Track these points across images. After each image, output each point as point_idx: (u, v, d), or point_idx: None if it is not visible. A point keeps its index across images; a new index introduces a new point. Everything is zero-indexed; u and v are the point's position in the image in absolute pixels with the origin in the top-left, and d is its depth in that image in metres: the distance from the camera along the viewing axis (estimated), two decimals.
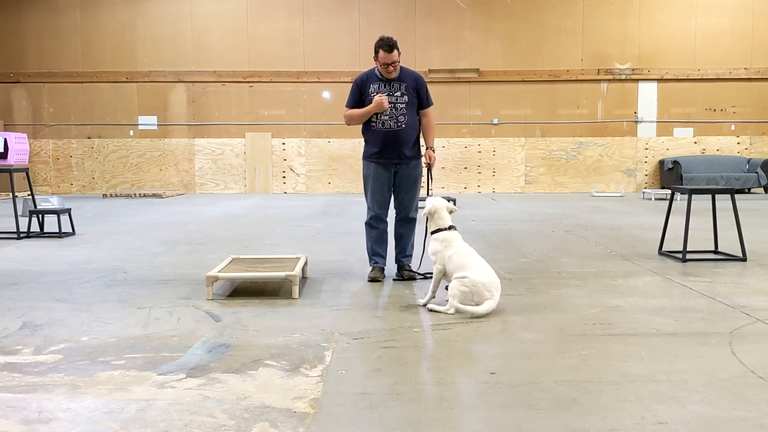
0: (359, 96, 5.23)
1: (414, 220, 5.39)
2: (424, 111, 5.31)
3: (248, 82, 15.81)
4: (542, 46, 15.73)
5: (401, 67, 5.20)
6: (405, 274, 5.25)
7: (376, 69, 5.22)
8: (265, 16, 15.73)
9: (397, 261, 5.36)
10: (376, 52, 5.08)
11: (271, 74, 15.77)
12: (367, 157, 5.33)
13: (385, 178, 5.25)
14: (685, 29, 15.73)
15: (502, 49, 15.76)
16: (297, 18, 15.72)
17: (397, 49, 5.05)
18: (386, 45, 5.00)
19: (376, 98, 5.07)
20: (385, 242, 5.38)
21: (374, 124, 5.19)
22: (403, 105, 5.15)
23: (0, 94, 15.93)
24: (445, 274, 4.31)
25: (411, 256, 5.37)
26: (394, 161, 5.22)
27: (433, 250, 4.39)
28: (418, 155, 5.32)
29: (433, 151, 5.22)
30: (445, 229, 4.41)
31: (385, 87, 5.15)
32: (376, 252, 5.36)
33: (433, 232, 4.47)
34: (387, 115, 5.13)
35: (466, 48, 15.74)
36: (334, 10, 15.70)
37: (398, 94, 5.15)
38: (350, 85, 5.44)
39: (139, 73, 15.81)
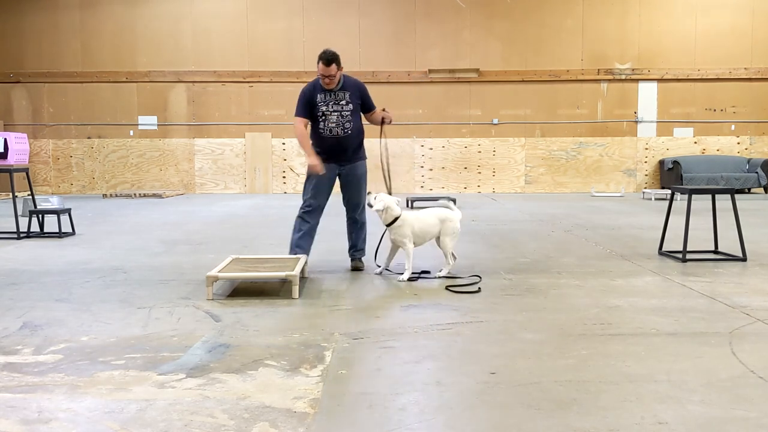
0: (308, 105, 5.48)
1: (364, 223, 5.74)
2: (371, 113, 5.72)
3: (248, 82, 15.81)
4: (542, 46, 15.73)
5: (344, 76, 5.49)
6: (355, 266, 5.63)
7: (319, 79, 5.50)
8: (265, 16, 15.73)
9: (351, 256, 5.72)
10: (318, 63, 5.33)
11: (271, 74, 15.76)
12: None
13: (328, 176, 5.52)
14: (685, 29, 15.73)
15: (502, 49, 15.76)
16: (297, 18, 15.72)
17: (337, 64, 5.30)
18: (325, 59, 5.30)
19: (311, 167, 5.34)
20: (311, 239, 5.60)
21: (322, 131, 5.49)
22: (349, 113, 5.49)
23: (0, 94, 15.94)
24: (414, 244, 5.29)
25: (363, 250, 5.73)
26: (339, 162, 5.54)
27: (402, 234, 5.21)
28: (363, 156, 5.68)
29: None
30: (398, 217, 5.22)
31: (330, 96, 5.46)
32: (299, 245, 5.53)
33: (390, 224, 5.23)
34: (334, 122, 5.44)
35: (466, 48, 15.74)
36: (334, 11, 15.69)
37: (343, 102, 5.49)
38: None
39: (139, 73, 15.81)
